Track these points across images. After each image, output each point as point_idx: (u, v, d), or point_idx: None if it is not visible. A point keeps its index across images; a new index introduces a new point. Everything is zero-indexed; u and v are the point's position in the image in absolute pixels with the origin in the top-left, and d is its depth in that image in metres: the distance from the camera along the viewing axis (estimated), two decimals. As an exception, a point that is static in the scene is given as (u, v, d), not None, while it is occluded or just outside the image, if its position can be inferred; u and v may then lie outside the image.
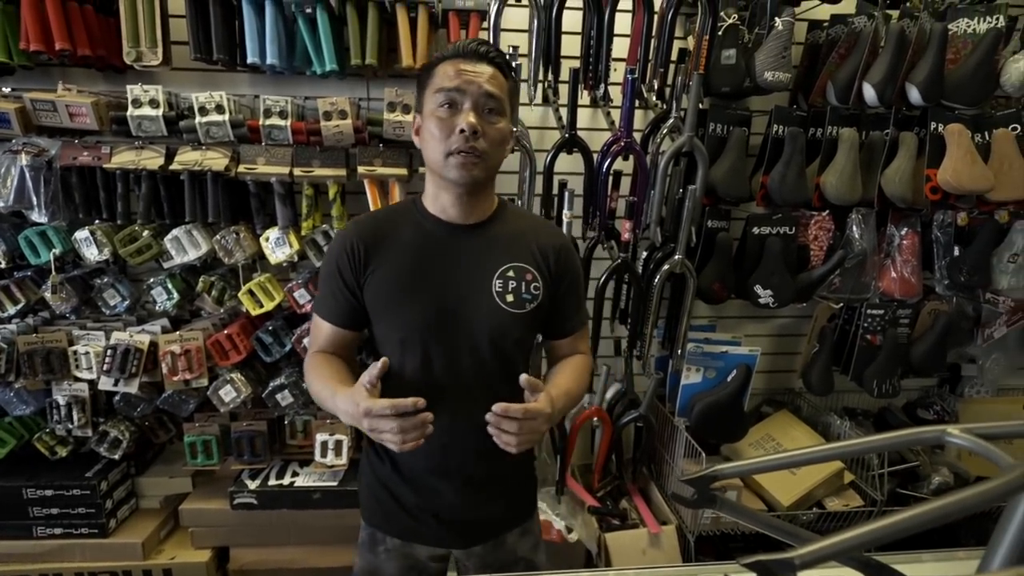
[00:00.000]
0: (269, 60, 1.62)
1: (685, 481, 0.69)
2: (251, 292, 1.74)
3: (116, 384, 1.69)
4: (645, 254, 1.93)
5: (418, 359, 1.04)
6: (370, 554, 1.19)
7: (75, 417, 1.73)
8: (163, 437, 1.93)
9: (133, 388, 1.70)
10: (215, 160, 1.63)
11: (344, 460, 1.88)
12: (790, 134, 1.83)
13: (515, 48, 1.67)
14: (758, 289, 1.94)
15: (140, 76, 1.68)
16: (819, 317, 2.11)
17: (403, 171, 1.72)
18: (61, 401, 1.72)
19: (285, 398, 1.79)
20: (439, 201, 1.07)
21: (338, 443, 1.87)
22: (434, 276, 1.04)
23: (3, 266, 1.67)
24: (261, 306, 1.75)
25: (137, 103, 1.58)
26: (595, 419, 1.98)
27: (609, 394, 2.06)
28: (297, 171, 1.68)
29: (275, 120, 1.65)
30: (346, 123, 1.64)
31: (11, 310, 1.67)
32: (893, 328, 2.04)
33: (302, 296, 1.76)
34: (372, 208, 1.73)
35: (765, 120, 1.92)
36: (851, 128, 1.88)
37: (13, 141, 1.60)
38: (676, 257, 1.81)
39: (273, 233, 1.72)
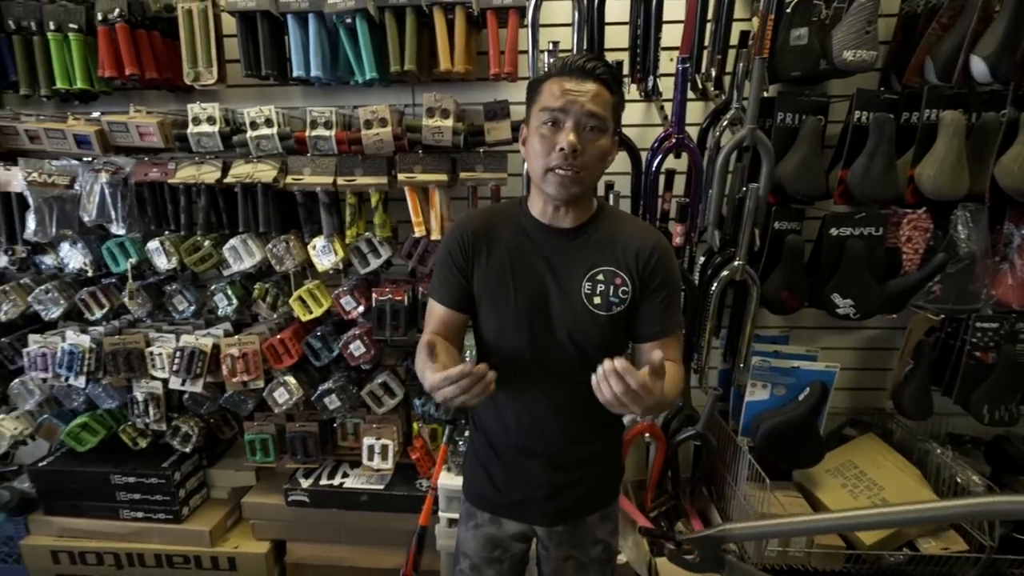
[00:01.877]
0: (313, 72, 1.65)
1: (689, 541, 0.59)
2: (301, 298, 1.80)
3: (184, 383, 1.83)
4: (703, 259, 1.77)
5: (510, 347, 1.12)
6: (463, 527, 1.30)
7: (151, 412, 1.89)
8: (228, 433, 2.07)
9: (198, 387, 1.83)
10: (265, 172, 1.69)
11: (390, 465, 1.91)
12: (875, 120, 1.60)
13: (555, 43, 1.58)
14: (836, 298, 1.71)
15: (204, 95, 1.79)
16: (914, 330, 1.83)
17: (443, 177, 1.70)
18: (139, 397, 1.89)
19: (332, 402, 1.83)
20: (539, 206, 1.12)
21: (384, 448, 1.90)
22: (528, 275, 1.10)
23: (90, 274, 1.85)
24: (311, 312, 1.80)
25: (196, 120, 1.68)
26: (647, 435, 1.86)
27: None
28: (340, 180, 1.71)
29: (320, 131, 1.68)
30: (386, 131, 1.64)
31: (98, 314, 1.86)
32: (1011, 344, 1.73)
33: (348, 303, 1.80)
34: (413, 216, 1.72)
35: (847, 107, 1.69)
36: (955, 110, 1.60)
37: (94, 161, 1.76)
38: (736, 263, 1.65)
39: (319, 241, 1.76)
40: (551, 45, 1.58)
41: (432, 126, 1.65)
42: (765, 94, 1.63)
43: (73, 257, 1.82)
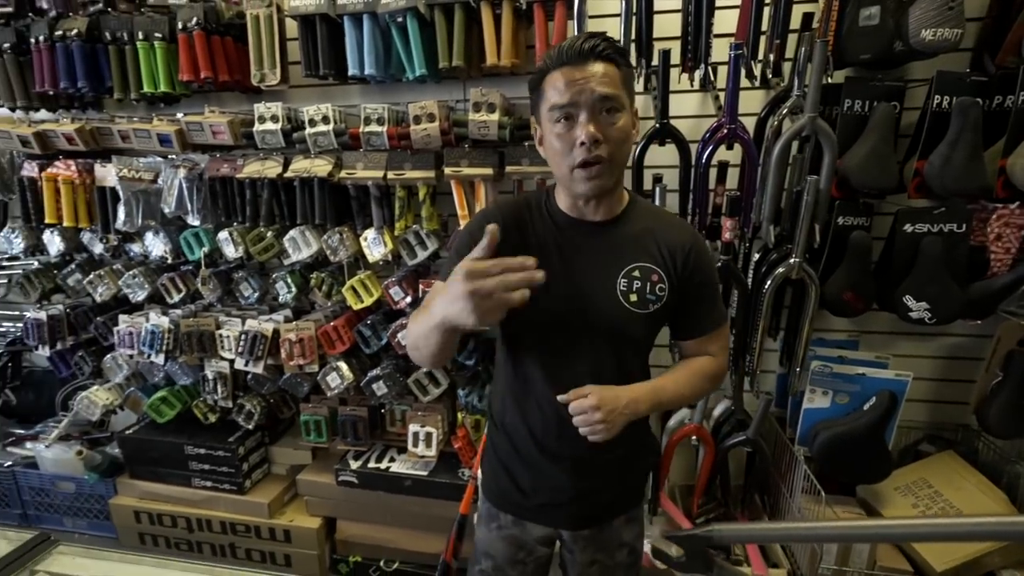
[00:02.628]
0: (367, 70, 1.72)
1: (674, 539, 0.57)
2: (353, 288, 1.88)
3: (247, 364, 1.96)
4: (758, 256, 1.68)
5: (537, 346, 1.09)
6: (485, 528, 1.27)
7: (219, 390, 2.05)
8: (287, 413, 2.20)
9: (259, 369, 1.95)
10: (321, 167, 1.78)
11: (433, 452, 1.95)
12: (959, 105, 1.45)
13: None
14: (909, 300, 1.57)
15: (272, 95, 1.91)
16: (1004, 338, 1.65)
17: (488, 171, 1.71)
18: (210, 376, 2.05)
19: (380, 388, 1.90)
20: (567, 200, 1.08)
21: (428, 435, 1.95)
22: (559, 271, 1.05)
23: (170, 261, 2.03)
24: (362, 301, 1.88)
25: (261, 119, 1.80)
26: (694, 437, 1.79)
27: (717, 411, 1.85)
28: (390, 174, 1.76)
29: (373, 127, 1.75)
30: (433, 126, 1.68)
31: (176, 298, 2.03)
32: (1124, 359, 1.52)
33: (397, 293, 1.85)
34: (459, 209, 1.76)
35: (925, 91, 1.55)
36: (1058, 92, 1.42)
37: (174, 157, 1.93)
38: (792, 260, 1.55)
39: (370, 233, 1.83)
40: (598, 36, 1.55)
41: (478, 120, 1.67)
42: (829, 80, 1.52)
43: (156, 245, 2.01)
